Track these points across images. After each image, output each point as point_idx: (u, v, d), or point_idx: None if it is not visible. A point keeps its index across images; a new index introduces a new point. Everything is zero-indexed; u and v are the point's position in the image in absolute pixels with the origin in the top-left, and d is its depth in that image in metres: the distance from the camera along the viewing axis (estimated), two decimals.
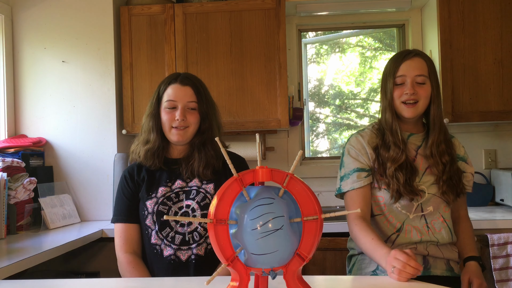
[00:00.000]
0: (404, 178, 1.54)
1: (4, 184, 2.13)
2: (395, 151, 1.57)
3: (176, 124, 1.59)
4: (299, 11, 2.77)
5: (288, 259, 0.87)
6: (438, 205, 1.59)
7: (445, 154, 1.59)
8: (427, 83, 1.59)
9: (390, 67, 1.63)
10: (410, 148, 1.63)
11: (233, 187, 0.87)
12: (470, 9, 2.48)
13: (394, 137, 1.58)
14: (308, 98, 3.11)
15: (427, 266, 1.56)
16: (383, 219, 1.60)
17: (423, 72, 1.58)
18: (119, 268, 1.57)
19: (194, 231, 1.55)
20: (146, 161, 1.62)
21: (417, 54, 1.61)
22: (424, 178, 1.60)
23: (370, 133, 1.66)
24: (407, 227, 1.57)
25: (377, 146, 1.62)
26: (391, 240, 1.58)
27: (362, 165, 1.61)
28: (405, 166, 1.56)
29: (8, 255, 1.76)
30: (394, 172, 1.55)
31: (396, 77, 1.59)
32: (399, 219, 1.58)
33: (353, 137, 1.67)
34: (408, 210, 1.57)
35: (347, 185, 1.60)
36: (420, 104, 1.58)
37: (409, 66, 1.58)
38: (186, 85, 1.62)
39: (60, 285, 1.34)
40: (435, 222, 1.58)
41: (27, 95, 2.63)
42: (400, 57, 1.62)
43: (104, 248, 2.32)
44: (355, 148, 1.63)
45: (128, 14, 2.62)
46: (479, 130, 2.80)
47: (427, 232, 1.56)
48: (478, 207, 2.56)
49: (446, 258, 1.58)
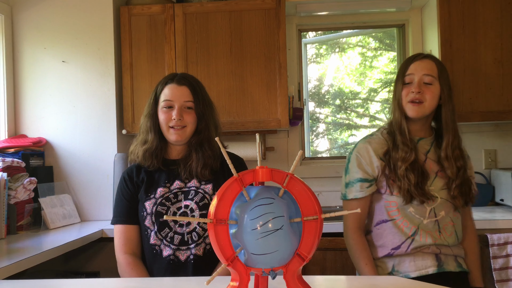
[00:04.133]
0: (416, 180, 1.54)
1: (4, 184, 2.13)
2: (404, 150, 1.57)
3: (173, 123, 1.59)
4: (299, 11, 2.77)
5: (288, 259, 0.87)
6: (448, 210, 1.60)
7: (460, 159, 1.60)
8: (435, 84, 1.59)
9: (400, 68, 1.65)
10: (420, 153, 1.62)
11: (233, 187, 0.87)
12: (470, 9, 2.48)
13: (403, 137, 1.59)
14: (308, 98, 3.11)
15: (440, 263, 1.58)
16: (397, 224, 1.59)
17: (432, 73, 1.59)
18: (119, 269, 1.58)
19: (192, 231, 1.55)
20: (145, 162, 1.62)
21: (427, 56, 1.64)
22: (435, 183, 1.60)
23: (379, 140, 1.66)
24: (421, 232, 1.58)
25: (388, 150, 1.62)
26: (405, 246, 1.58)
27: (366, 176, 1.62)
28: (416, 168, 1.56)
29: (8, 255, 1.76)
30: (405, 172, 1.55)
31: (405, 75, 1.61)
32: (413, 223, 1.58)
33: (361, 144, 1.67)
34: (421, 215, 1.57)
35: (351, 193, 1.64)
36: (426, 104, 1.58)
37: (418, 66, 1.60)
38: (182, 85, 1.62)
39: (60, 285, 1.34)
40: (447, 227, 1.59)
41: (27, 95, 2.63)
42: (411, 58, 1.64)
43: (104, 248, 2.32)
44: (361, 156, 1.64)
45: (128, 14, 2.62)
46: (479, 130, 2.80)
47: (439, 237, 1.58)
48: (478, 207, 2.56)
49: (454, 254, 1.62)
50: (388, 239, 1.60)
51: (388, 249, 1.60)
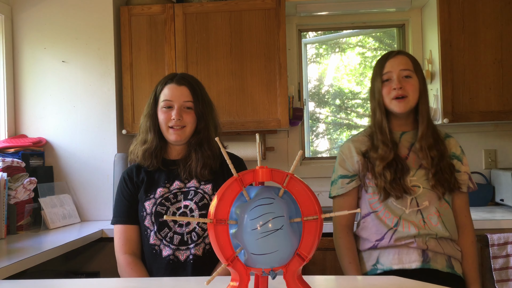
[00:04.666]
0: (392, 177, 1.58)
1: (4, 184, 2.13)
2: (384, 149, 1.61)
3: (172, 123, 1.59)
4: (299, 11, 2.76)
5: (288, 259, 0.87)
6: (433, 200, 1.61)
7: (433, 148, 1.61)
8: (414, 77, 1.63)
9: (376, 68, 1.69)
10: (403, 147, 1.65)
11: (233, 187, 0.87)
12: (470, 9, 2.48)
13: (384, 136, 1.63)
14: (308, 98, 3.11)
15: (427, 259, 1.57)
16: (379, 216, 1.62)
17: (408, 67, 1.63)
18: (118, 269, 1.58)
19: (192, 231, 1.55)
20: (144, 161, 1.63)
21: (400, 52, 1.68)
22: (418, 173, 1.62)
23: (362, 139, 1.71)
24: (403, 222, 1.59)
25: (367, 150, 1.66)
26: (388, 236, 1.60)
27: (346, 172, 1.69)
28: (394, 164, 1.59)
29: (8, 255, 1.76)
30: (383, 170, 1.59)
31: (383, 74, 1.64)
32: (395, 214, 1.60)
33: (345, 143, 1.75)
34: (403, 205, 1.60)
35: (334, 190, 1.72)
36: (411, 98, 1.62)
37: (394, 63, 1.63)
38: (182, 85, 1.62)
39: (60, 285, 1.34)
40: (431, 217, 1.59)
41: (27, 95, 2.63)
42: (384, 57, 1.68)
43: (104, 248, 2.32)
44: (343, 154, 1.72)
45: (128, 14, 2.62)
46: (479, 130, 2.80)
47: (424, 227, 1.58)
48: (478, 207, 2.56)
49: (446, 254, 1.59)
50: (372, 232, 1.64)
51: (372, 241, 1.63)
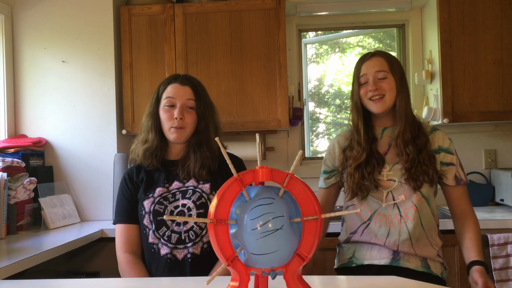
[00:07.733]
0: (361, 175, 1.62)
1: (4, 184, 2.13)
2: (357, 149, 1.65)
3: (174, 124, 1.60)
4: (299, 11, 2.77)
5: (288, 259, 0.87)
6: (409, 194, 1.61)
7: (410, 144, 1.61)
8: (389, 77, 1.65)
9: (354, 71, 1.73)
10: (384, 142, 1.68)
11: (233, 187, 0.87)
12: (470, 9, 2.48)
13: (359, 136, 1.67)
14: (308, 98, 3.11)
15: (396, 257, 1.58)
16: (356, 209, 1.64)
17: (383, 68, 1.65)
18: (119, 268, 1.59)
19: (190, 230, 1.56)
20: (145, 161, 1.64)
21: (375, 54, 1.70)
22: (394, 168, 1.63)
23: (347, 134, 1.75)
24: (377, 217, 1.61)
25: (346, 148, 1.72)
26: (360, 230, 1.63)
27: (327, 168, 1.77)
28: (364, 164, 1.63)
29: (8, 255, 1.76)
30: (354, 170, 1.64)
31: (359, 77, 1.68)
32: (371, 207, 1.63)
33: (333, 139, 1.81)
34: (379, 198, 1.62)
35: (319, 183, 1.81)
36: (387, 97, 1.64)
37: (369, 65, 1.67)
38: (185, 85, 1.64)
39: (60, 285, 1.34)
40: (408, 211, 1.60)
41: (27, 95, 2.64)
42: (360, 60, 1.72)
43: (104, 248, 2.32)
44: (328, 150, 1.79)
45: (128, 14, 2.62)
46: (479, 130, 2.80)
47: (399, 221, 1.58)
48: (478, 207, 2.56)
49: (419, 255, 1.59)
50: (348, 224, 1.68)
51: (347, 233, 1.68)
